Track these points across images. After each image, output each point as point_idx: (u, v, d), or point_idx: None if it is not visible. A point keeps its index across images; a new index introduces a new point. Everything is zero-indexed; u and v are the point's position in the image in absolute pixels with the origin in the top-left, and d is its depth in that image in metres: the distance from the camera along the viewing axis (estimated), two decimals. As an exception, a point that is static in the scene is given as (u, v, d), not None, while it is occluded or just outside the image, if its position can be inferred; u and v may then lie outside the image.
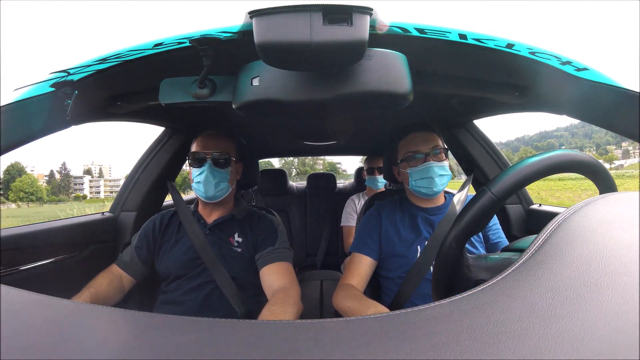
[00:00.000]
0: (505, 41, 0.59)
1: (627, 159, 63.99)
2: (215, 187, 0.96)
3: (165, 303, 0.97)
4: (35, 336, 0.25)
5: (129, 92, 0.82)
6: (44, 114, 0.65)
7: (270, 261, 0.95)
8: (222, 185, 0.98)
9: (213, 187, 0.96)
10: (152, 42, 0.60)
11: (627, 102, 0.56)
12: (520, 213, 1.29)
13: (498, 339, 0.21)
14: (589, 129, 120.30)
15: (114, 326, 0.29)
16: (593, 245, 0.28)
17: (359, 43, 0.47)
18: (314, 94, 0.56)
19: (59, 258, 1.01)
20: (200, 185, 0.96)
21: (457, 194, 0.96)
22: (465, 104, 1.07)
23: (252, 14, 0.47)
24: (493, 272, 0.45)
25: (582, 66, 0.59)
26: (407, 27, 0.57)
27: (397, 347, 0.22)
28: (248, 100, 0.59)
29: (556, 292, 0.24)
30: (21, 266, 0.90)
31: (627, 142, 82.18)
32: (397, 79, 0.55)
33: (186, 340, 0.24)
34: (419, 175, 0.94)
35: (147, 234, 1.02)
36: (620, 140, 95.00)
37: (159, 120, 1.20)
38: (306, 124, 1.49)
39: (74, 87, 0.66)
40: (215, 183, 0.96)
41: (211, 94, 0.66)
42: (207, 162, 0.96)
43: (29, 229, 0.97)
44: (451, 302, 0.26)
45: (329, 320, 0.27)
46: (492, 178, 0.48)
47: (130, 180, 1.31)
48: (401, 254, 0.95)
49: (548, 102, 0.75)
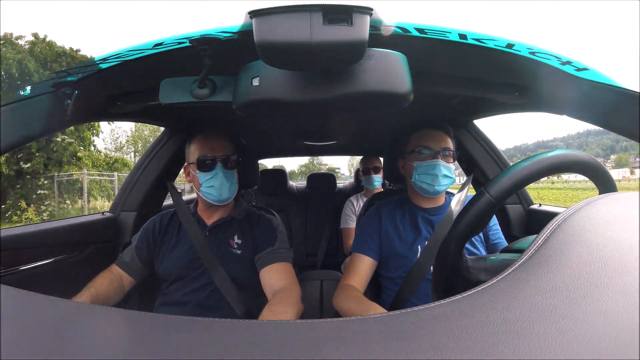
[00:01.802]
0: (505, 41, 0.59)
1: (616, 169, 64.22)
2: (229, 189, 0.96)
3: (165, 304, 0.96)
4: (35, 336, 0.25)
5: (129, 92, 0.82)
6: (44, 114, 0.65)
7: (270, 262, 0.94)
8: (234, 187, 0.98)
9: (227, 189, 0.96)
10: (152, 42, 0.60)
11: (627, 102, 0.56)
12: (520, 213, 1.29)
13: (498, 339, 0.21)
14: (583, 140, 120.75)
15: (114, 326, 0.29)
16: (593, 245, 0.28)
17: (359, 43, 0.47)
18: (314, 94, 0.56)
19: (59, 258, 1.01)
20: (214, 190, 0.95)
21: (457, 194, 0.96)
22: (465, 104, 1.07)
23: (252, 14, 0.46)
24: (492, 274, 0.44)
25: (582, 66, 0.59)
26: (407, 27, 0.57)
27: (397, 347, 0.22)
28: (248, 100, 0.59)
29: (556, 292, 0.24)
30: (21, 266, 0.90)
31: (615, 156, 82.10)
32: (397, 79, 0.55)
33: (186, 340, 0.24)
34: (424, 171, 0.94)
35: (148, 234, 1.02)
36: (610, 153, 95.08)
37: (159, 120, 1.20)
38: (306, 124, 1.49)
39: (74, 87, 0.66)
40: (229, 185, 0.96)
41: (211, 94, 0.66)
42: (217, 165, 0.95)
43: (29, 229, 0.97)
44: (451, 302, 0.26)
45: (329, 320, 0.27)
46: (492, 178, 0.48)
47: (130, 180, 1.31)
48: (401, 253, 0.95)
49: (548, 102, 0.75)
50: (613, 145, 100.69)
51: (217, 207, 1.01)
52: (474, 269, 0.47)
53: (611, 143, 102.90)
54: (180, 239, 1.00)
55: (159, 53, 0.61)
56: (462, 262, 0.47)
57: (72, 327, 0.27)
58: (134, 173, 1.31)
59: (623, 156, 76.00)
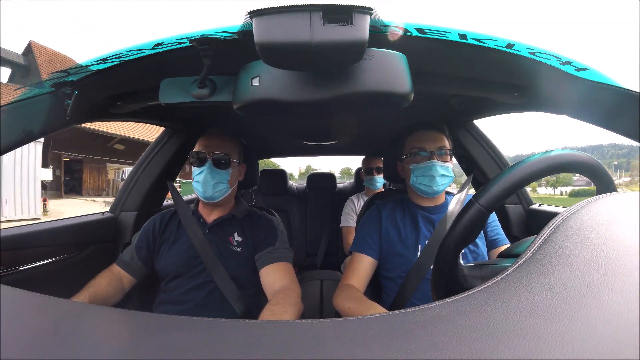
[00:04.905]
0: (505, 41, 0.59)
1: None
2: (214, 187, 0.96)
3: (164, 302, 0.96)
4: (35, 336, 0.25)
5: (129, 92, 0.82)
6: (43, 114, 0.65)
7: (270, 261, 0.94)
8: (221, 186, 0.98)
9: (211, 187, 0.96)
10: (152, 42, 0.60)
11: (627, 102, 0.56)
12: (520, 213, 1.29)
13: (498, 339, 0.21)
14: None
15: (113, 326, 0.29)
16: (593, 245, 0.28)
17: (359, 43, 0.47)
18: (314, 94, 0.56)
19: (59, 258, 1.01)
20: (200, 185, 0.96)
21: (457, 194, 0.96)
22: (465, 104, 1.07)
23: (252, 14, 0.46)
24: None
25: (582, 66, 0.59)
26: (407, 27, 0.57)
27: (397, 347, 0.22)
28: (248, 100, 0.59)
29: (556, 292, 0.24)
30: (21, 266, 0.90)
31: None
32: (397, 79, 0.55)
33: (186, 340, 0.24)
34: (421, 173, 0.95)
35: (148, 233, 1.02)
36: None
37: (159, 120, 1.20)
38: (306, 124, 1.49)
39: (74, 87, 0.66)
40: (214, 184, 0.96)
41: (211, 94, 0.66)
42: (207, 162, 0.96)
43: (29, 229, 0.96)
44: (451, 302, 0.26)
45: (329, 320, 0.27)
46: (491, 178, 0.48)
47: (130, 180, 1.31)
48: (402, 253, 0.95)
49: (548, 102, 0.75)
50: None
51: (214, 204, 1.02)
52: (470, 277, 0.47)
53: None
54: (179, 237, 1.00)
55: (159, 53, 0.61)
56: (458, 271, 0.47)
57: (72, 327, 0.27)
58: (134, 173, 1.31)
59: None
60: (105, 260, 1.06)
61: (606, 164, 5.99)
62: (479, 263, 0.50)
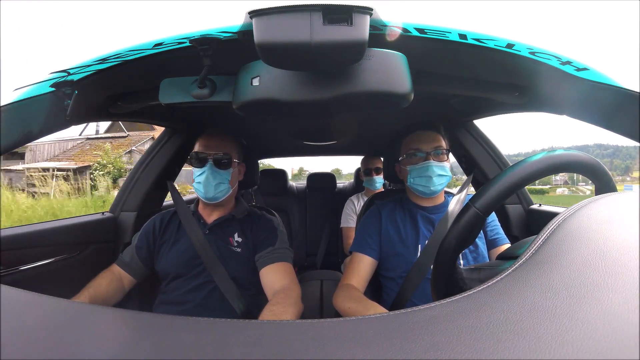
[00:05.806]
0: (505, 41, 0.59)
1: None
2: (215, 188, 0.96)
3: (164, 303, 0.96)
4: (35, 336, 0.25)
5: (129, 92, 0.82)
6: (43, 114, 0.65)
7: (270, 261, 0.94)
8: (223, 186, 0.97)
9: (213, 188, 0.96)
10: (152, 42, 0.60)
11: (627, 102, 0.56)
12: (520, 213, 1.29)
13: (498, 339, 0.21)
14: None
15: (113, 326, 0.29)
16: (593, 245, 0.28)
17: (359, 43, 0.46)
18: (314, 94, 0.56)
19: (59, 258, 1.01)
20: (201, 186, 0.96)
21: (457, 194, 0.96)
22: (465, 104, 1.07)
23: (252, 14, 0.46)
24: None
25: (582, 66, 0.59)
26: (407, 27, 0.57)
27: (397, 347, 0.22)
28: (248, 100, 0.59)
29: (556, 292, 0.24)
30: (21, 266, 0.90)
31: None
32: (397, 79, 0.55)
33: (186, 340, 0.24)
34: (418, 174, 0.95)
35: (148, 234, 1.02)
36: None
37: (159, 120, 1.20)
38: (306, 124, 1.50)
39: (74, 87, 0.66)
40: (216, 184, 0.96)
41: (211, 94, 0.66)
42: (208, 162, 0.96)
43: (29, 229, 0.96)
44: (451, 302, 0.26)
45: (329, 320, 0.27)
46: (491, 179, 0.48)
47: (130, 180, 1.31)
48: (402, 253, 0.95)
49: (548, 102, 0.75)
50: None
51: (214, 205, 1.02)
52: (468, 279, 0.47)
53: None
54: (179, 237, 1.00)
55: (159, 53, 0.61)
56: (457, 274, 0.47)
57: (72, 327, 0.27)
58: (134, 173, 1.31)
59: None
60: (105, 260, 1.06)
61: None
62: (477, 266, 0.50)
